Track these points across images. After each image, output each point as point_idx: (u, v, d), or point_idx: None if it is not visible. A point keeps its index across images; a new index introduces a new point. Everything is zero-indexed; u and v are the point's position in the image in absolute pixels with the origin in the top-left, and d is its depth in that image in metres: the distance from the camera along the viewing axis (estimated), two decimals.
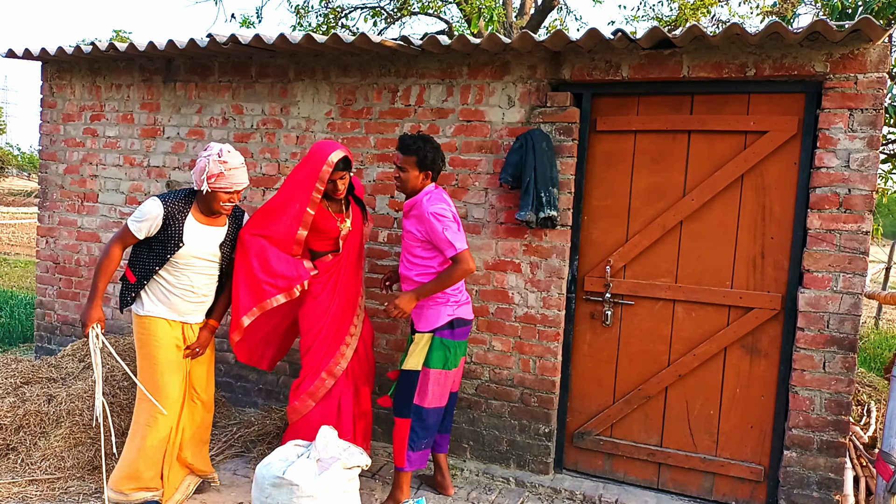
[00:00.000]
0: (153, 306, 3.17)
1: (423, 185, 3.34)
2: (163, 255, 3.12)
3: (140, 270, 3.17)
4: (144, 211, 3.09)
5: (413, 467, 3.40)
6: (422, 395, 3.34)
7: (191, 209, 3.16)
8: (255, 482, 2.83)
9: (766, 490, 3.54)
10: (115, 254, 3.11)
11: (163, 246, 3.11)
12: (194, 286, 3.20)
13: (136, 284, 3.17)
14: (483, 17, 9.53)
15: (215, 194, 3.09)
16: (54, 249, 5.26)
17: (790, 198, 3.43)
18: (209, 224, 3.21)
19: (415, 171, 3.30)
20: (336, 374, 3.53)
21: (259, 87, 4.51)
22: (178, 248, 3.11)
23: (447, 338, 3.34)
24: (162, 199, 3.12)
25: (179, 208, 3.13)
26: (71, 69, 5.11)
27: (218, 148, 3.09)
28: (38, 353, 5.36)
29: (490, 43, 3.60)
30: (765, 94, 3.45)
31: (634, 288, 3.73)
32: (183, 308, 3.21)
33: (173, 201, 3.13)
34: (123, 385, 4.10)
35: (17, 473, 3.54)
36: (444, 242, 3.19)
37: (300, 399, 3.54)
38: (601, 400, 3.86)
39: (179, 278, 3.16)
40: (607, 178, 3.78)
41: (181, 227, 3.12)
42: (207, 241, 3.21)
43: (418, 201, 3.31)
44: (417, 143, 3.29)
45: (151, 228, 3.09)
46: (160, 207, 3.08)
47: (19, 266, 11.43)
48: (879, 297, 3.85)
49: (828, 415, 3.31)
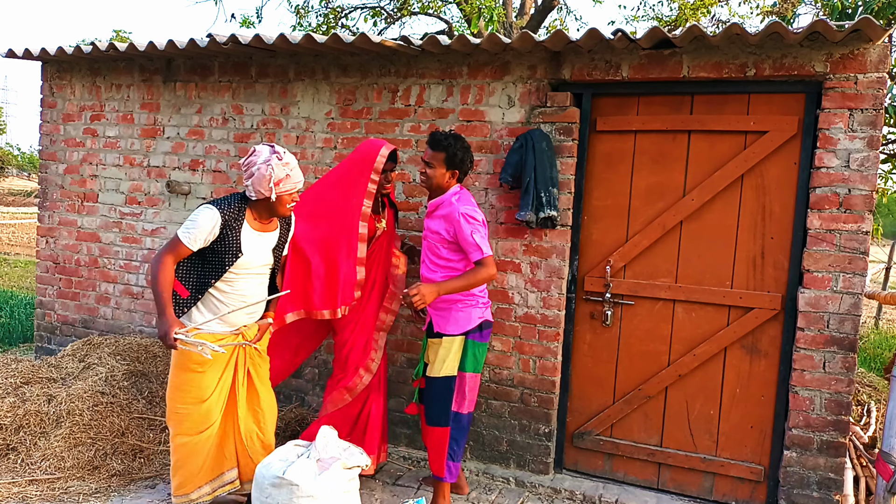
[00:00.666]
0: (203, 319, 2.97)
1: (448, 184, 3.31)
2: (220, 267, 2.91)
3: (194, 284, 2.96)
4: (199, 220, 2.86)
5: (453, 478, 3.38)
6: (460, 400, 3.33)
7: (245, 217, 2.96)
8: (255, 482, 2.83)
9: (766, 490, 3.54)
10: (169, 267, 2.87)
11: (219, 257, 2.91)
12: (247, 296, 3.02)
13: (190, 299, 2.96)
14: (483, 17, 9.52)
15: (280, 198, 2.92)
16: (54, 249, 5.26)
17: (790, 198, 3.43)
18: (263, 230, 3.03)
19: (442, 168, 3.27)
20: (372, 370, 3.59)
21: (259, 87, 4.51)
22: (236, 258, 2.91)
23: (477, 340, 3.32)
24: (217, 207, 2.90)
25: (234, 216, 2.92)
26: (71, 69, 5.11)
27: (270, 151, 2.89)
28: (38, 353, 5.36)
29: (490, 43, 3.60)
30: (765, 94, 3.45)
31: (634, 288, 3.73)
32: (236, 320, 3.02)
33: (228, 209, 2.91)
34: (123, 385, 4.10)
35: (17, 473, 3.54)
36: (472, 245, 3.16)
37: (338, 391, 3.59)
38: (601, 400, 3.86)
39: (234, 288, 2.97)
40: (607, 178, 3.78)
41: (238, 235, 2.92)
42: (263, 248, 3.03)
43: (446, 200, 3.28)
44: (448, 139, 3.26)
45: (207, 238, 2.88)
46: (217, 215, 2.87)
47: (19, 266, 11.43)
48: (879, 297, 3.85)
49: (828, 415, 3.31)
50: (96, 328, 5.11)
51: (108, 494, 3.48)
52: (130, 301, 4.98)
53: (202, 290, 2.94)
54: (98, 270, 5.09)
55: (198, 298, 2.95)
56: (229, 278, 2.95)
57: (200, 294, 2.95)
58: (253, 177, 2.87)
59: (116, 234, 5.01)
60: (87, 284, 5.13)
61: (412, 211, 4.12)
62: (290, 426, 4.17)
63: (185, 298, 2.96)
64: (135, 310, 4.97)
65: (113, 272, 5.03)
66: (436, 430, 3.33)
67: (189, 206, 4.74)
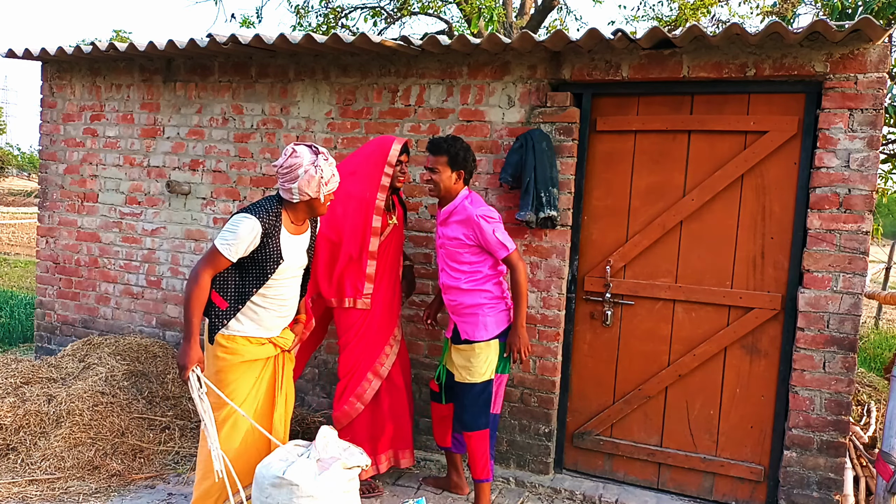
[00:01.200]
0: (240, 325, 2.87)
1: (456, 187, 3.30)
2: (262, 276, 2.83)
3: (234, 295, 2.85)
4: (239, 231, 2.74)
5: (491, 476, 3.41)
6: (496, 402, 3.37)
7: (282, 221, 2.86)
8: (255, 482, 2.83)
9: (766, 490, 3.54)
10: (206, 283, 2.77)
11: (260, 266, 2.82)
12: (286, 300, 2.95)
13: (230, 310, 2.85)
14: (483, 17, 9.52)
15: (325, 197, 2.86)
16: (54, 249, 5.26)
17: (790, 198, 3.43)
18: (298, 232, 2.95)
19: (447, 170, 3.26)
20: (382, 375, 3.51)
21: (259, 87, 4.51)
22: (278, 265, 2.83)
23: (503, 340, 3.34)
24: (255, 215, 2.77)
25: (273, 222, 2.82)
26: (71, 69, 5.11)
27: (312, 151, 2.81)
28: (38, 353, 5.36)
29: (490, 43, 3.60)
30: (765, 94, 3.45)
31: (634, 288, 3.73)
32: (273, 324, 2.95)
33: (267, 216, 2.80)
34: (123, 385, 4.10)
35: (17, 473, 3.54)
36: (497, 244, 3.17)
37: (348, 402, 3.50)
38: (601, 400, 3.86)
39: (272, 293, 2.89)
40: (607, 178, 3.78)
41: (278, 242, 2.83)
42: (300, 250, 2.96)
43: (459, 206, 3.27)
44: (447, 141, 3.28)
45: (248, 249, 2.78)
46: (257, 225, 2.76)
47: (19, 266, 11.43)
48: (879, 297, 3.85)
49: (828, 415, 3.31)
50: (96, 328, 5.11)
51: (108, 494, 3.48)
52: (130, 301, 4.98)
53: (243, 300, 2.85)
54: (98, 270, 5.09)
55: (238, 309, 2.85)
56: (270, 285, 2.87)
57: (241, 305, 2.85)
58: (299, 179, 2.77)
59: (116, 234, 5.01)
60: (87, 284, 5.13)
61: (412, 210, 4.12)
62: (290, 426, 4.15)
63: (224, 310, 2.85)
64: (135, 310, 4.97)
65: (113, 272, 5.03)
66: (476, 435, 3.32)
67: (189, 206, 4.74)
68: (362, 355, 3.50)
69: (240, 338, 2.88)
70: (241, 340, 2.89)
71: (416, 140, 4.09)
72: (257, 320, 2.90)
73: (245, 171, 4.56)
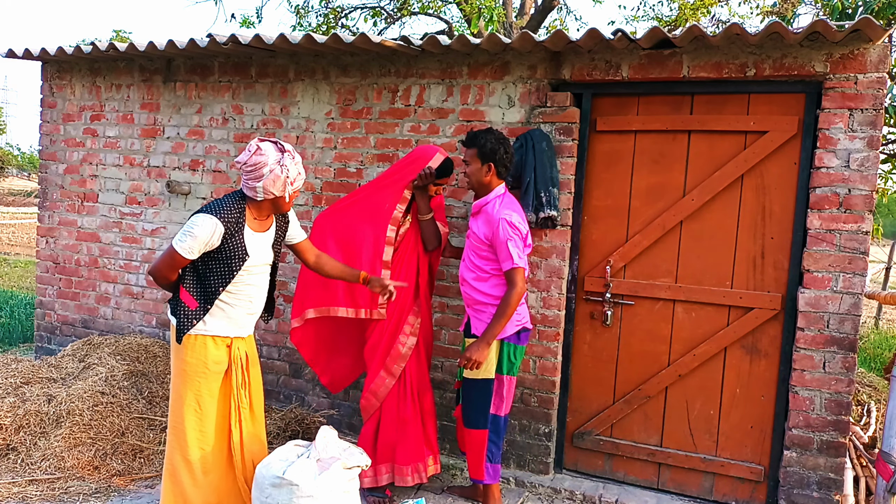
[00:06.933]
0: (203, 325, 2.84)
1: (489, 180, 3.28)
2: (228, 274, 2.81)
3: (202, 294, 2.83)
4: (195, 231, 2.71)
5: (493, 480, 3.35)
6: (498, 403, 3.32)
7: (245, 218, 2.83)
8: (255, 482, 2.83)
9: (766, 490, 3.54)
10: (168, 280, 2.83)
11: (225, 264, 2.80)
12: (252, 296, 2.93)
13: (199, 310, 2.83)
14: (483, 17, 9.52)
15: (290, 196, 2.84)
16: (54, 249, 5.26)
17: (790, 198, 3.43)
18: (261, 229, 2.91)
19: (477, 163, 3.25)
20: (394, 374, 3.49)
21: (259, 87, 4.51)
22: (243, 262, 2.81)
23: (513, 342, 3.30)
24: (216, 214, 2.74)
25: (235, 220, 2.79)
26: (71, 69, 5.11)
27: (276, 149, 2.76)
28: (38, 353, 5.36)
29: (490, 43, 3.60)
30: (765, 94, 3.45)
31: (634, 288, 3.73)
32: (242, 321, 2.93)
33: (228, 214, 2.77)
34: (123, 385, 4.10)
35: (17, 473, 3.54)
36: (505, 253, 3.15)
37: (365, 397, 3.53)
38: (601, 400, 3.86)
39: (239, 289, 2.87)
40: (607, 178, 3.78)
41: (242, 239, 2.81)
42: (264, 246, 2.93)
43: (490, 202, 3.26)
44: (480, 133, 3.28)
45: (207, 247, 2.76)
46: (216, 224, 2.73)
47: (19, 266, 11.43)
48: (879, 297, 3.84)
49: (828, 415, 3.31)
50: (96, 328, 5.11)
51: (108, 494, 3.48)
52: (130, 301, 4.98)
53: (211, 299, 2.83)
54: (98, 270, 5.09)
55: (207, 309, 2.83)
56: (236, 282, 2.85)
57: (210, 304, 2.83)
58: (264, 178, 2.73)
59: (116, 234, 5.01)
60: (87, 284, 5.13)
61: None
62: (290, 426, 4.16)
63: (194, 310, 2.83)
64: (135, 310, 4.97)
65: (113, 272, 5.03)
66: (474, 433, 3.32)
67: (189, 207, 4.74)
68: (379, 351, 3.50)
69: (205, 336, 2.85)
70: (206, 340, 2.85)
71: (415, 140, 4.09)
72: (225, 318, 2.88)
73: None
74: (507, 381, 3.34)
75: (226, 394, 2.94)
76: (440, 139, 4.00)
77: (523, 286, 3.18)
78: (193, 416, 2.87)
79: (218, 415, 2.92)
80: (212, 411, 2.90)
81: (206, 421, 2.88)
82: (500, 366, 3.32)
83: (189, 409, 2.87)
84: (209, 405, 2.88)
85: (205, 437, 2.89)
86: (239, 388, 2.95)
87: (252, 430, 3.02)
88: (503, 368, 3.32)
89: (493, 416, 3.34)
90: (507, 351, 3.30)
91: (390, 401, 3.52)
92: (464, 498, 3.62)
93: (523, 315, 3.34)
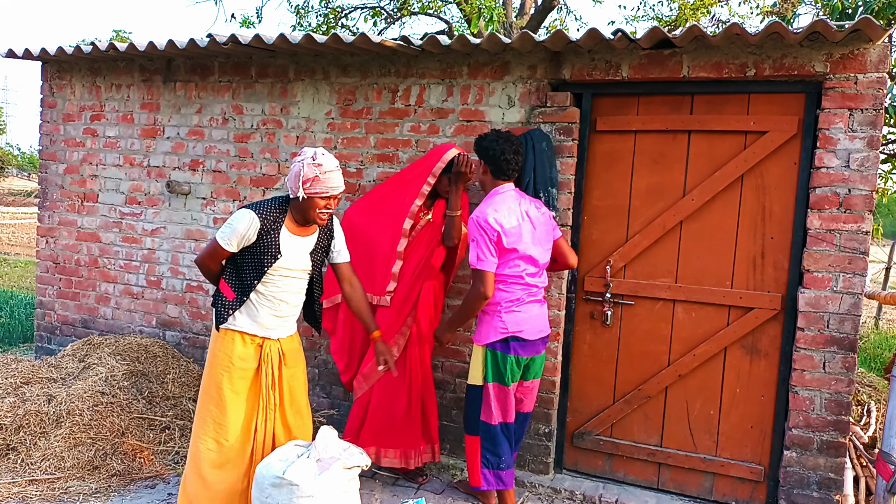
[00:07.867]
0: (233, 320, 2.95)
1: (484, 178, 3.33)
2: (259, 270, 2.91)
3: (238, 287, 2.95)
4: (234, 223, 2.88)
5: (491, 486, 3.31)
6: (486, 410, 3.26)
7: (285, 219, 2.95)
8: (254, 482, 2.83)
9: (766, 490, 3.54)
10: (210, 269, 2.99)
11: (258, 259, 2.91)
12: (283, 299, 2.98)
13: (235, 301, 2.95)
14: (483, 17, 9.52)
15: (311, 200, 2.86)
16: (54, 249, 5.26)
17: (790, 198, 3.43)
18: (301, 234, 2.99)
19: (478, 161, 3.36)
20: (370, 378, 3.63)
21: (259, 87, 4.51)
22: (275, 259, 2.90)
23: (499, 350, 3.20)
24: (255, 209, 2.89)
25: (273, 218, 2.91)
26: (71, 69, 5.11)
27: (312, 152, 2.88)
28: (38, 353, 5.36)
29: (490, 43, 3.60)
30: (765, 94, 3.45)
31: (634, 288, 3.73)
32: (268, 322, 2.98)
33: (267, 211, 2.91)
34: (123, 385, 4.10)
35: (17, 473, 3.54)
36: (471, 253, 3.17)
37: (357, 379, 3.68)
38: (601, 400, 3.86)
39: (269, 289, 2.94)
40: (607, 178, 3.78)
41: (277, 237, 2.91)
42: (301, 251, 2.99)
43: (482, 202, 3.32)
44: (481, 135, 3.35)
45: (247, 238, 2.88)
46: (253, 218, 2.87)
47: (19, 266, 11.43)
48: (879, 297, 3.84)
49: (828, 415, 3.31)
50: (96, 328, 5.11)
51: (108, 494, 3.48)
52: (130, 301, 4.98)
53: (246, 293, 2.93)
54: (98, 270, 5.09)
55: (242, 301, 2.94)
56: (266, 280, 2.94)
57: (245, 297, 2.94)
58: (289, 175, 2.92)
59: (116, 234, 5.01)
60: (87, 284, 5.13)
61: None
62: None
63: (231, 301, 2.95)
64: (135, 310, 4.97)
65: (113, 272, 5.03)
66: (468, 438, 3.33)
67: (189, 206, 4.74)
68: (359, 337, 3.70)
69: (234, 332, 2.95)
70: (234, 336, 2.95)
71: (415, 140, 4.09)
72: (253, 314, 2.96)
73: (245, 171, 4.56)
74: (492, 388, 3.22)
75: (255, 393, 3.00)
76: (440, 139, 4.00)
77: (484, 289, 3.10)
78: (214, 407, 2.95)
79: (243, 412, 2.98)
80: (234, 407, 2.94)
81: (226, 415, 2.94)
82: (486, 373, 3.25)
83: (211, 399, 2.96)
84: (231, 400, 2.94)
85: (222, 430, 2.94)
86: (269, 388, 2.99)
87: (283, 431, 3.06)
88: (489, 376, 3.24)
89: (483, 423, 3.26)
90: (490, 359, 3.22)
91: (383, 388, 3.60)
92: (466, 493, 3.66)
93: (511, 324, 3.18)
